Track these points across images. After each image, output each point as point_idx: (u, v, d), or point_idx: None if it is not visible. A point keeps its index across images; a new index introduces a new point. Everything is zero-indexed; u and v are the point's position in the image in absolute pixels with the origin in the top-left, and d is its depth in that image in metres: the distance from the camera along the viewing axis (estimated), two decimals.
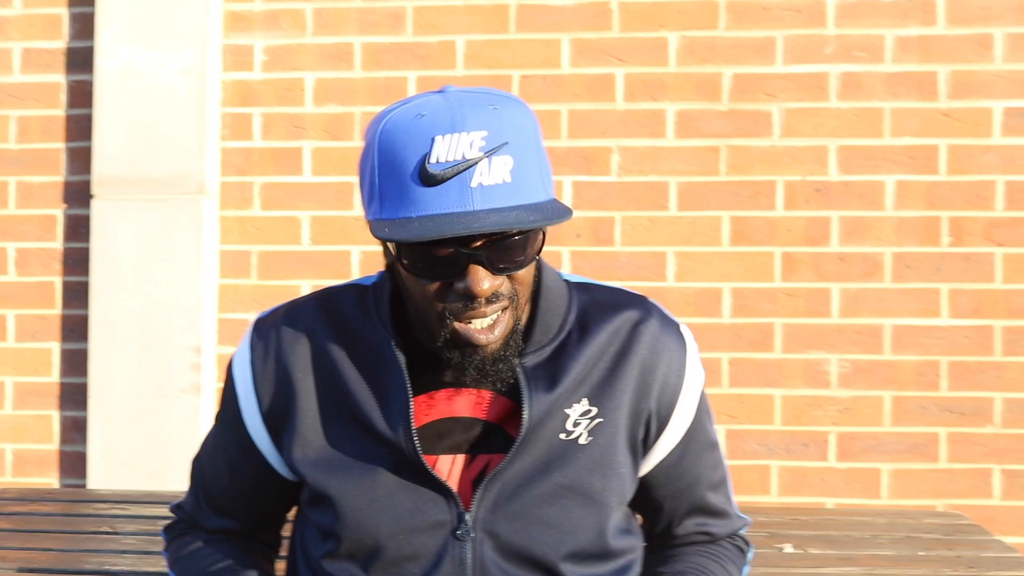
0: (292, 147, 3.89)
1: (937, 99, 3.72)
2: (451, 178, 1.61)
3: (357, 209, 3.86)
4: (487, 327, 1.68)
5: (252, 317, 3.87)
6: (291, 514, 2.01)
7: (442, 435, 1.79)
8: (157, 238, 3.81)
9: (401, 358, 1.76)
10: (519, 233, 1.65)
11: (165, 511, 2.88)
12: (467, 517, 1.76)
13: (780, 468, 3.69)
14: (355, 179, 3.86)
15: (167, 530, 2.07)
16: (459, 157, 1.61)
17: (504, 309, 1.69)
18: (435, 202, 1.61)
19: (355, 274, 3.84)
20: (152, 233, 3.82)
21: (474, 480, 1.78)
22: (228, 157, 3.89)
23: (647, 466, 1.87)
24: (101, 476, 3.75)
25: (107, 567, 2.39)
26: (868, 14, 3.76)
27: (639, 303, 1.87)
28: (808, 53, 3.76)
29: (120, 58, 3.86)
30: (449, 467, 1.79)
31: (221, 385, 1.92)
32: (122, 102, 3.86)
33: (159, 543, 2.62)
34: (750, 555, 2.02)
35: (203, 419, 3.79)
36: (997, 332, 3.69)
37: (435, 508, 1.76)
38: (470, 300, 1.66)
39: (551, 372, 1.78)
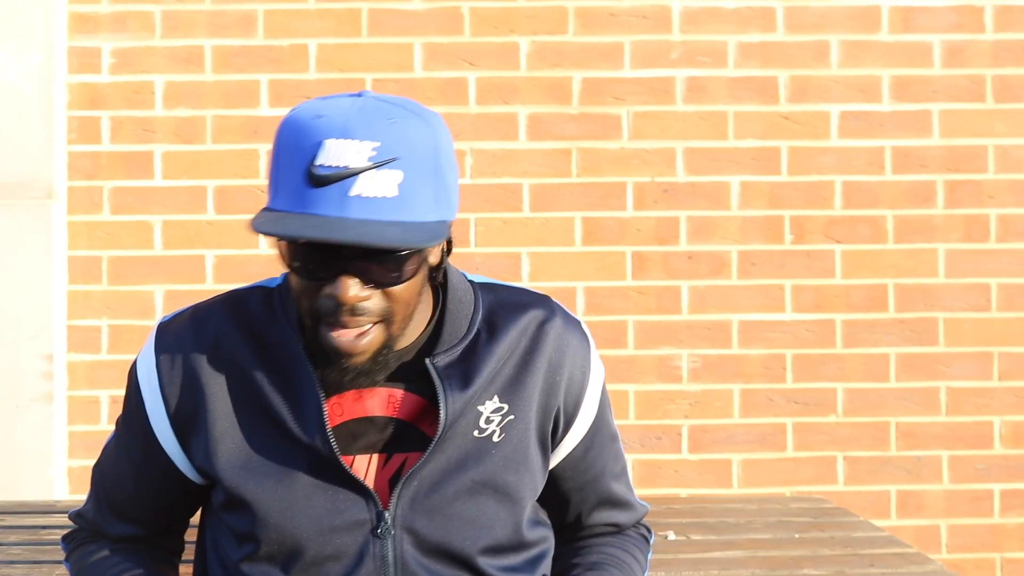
0: (142, 151, 3.84)
1: (778, 103, 3.87)
2: (332, 183, 1.63)
3: (210, 213, 3.83)
4: (353, 340, 1.69)
5: (104, 323, 3.82)
6: (194, 519, 1.99)
7: (356, 435, 1.81)
8: (3, 244, 3.73)
9: (308, 361, 1.77)
10: (394, 250, 1.67)
11: (45, 520, 2.85)
12: (386, 515, 1.79)
13: (635, 461, 3.78)
14: (208, 183, 3.83)
15: (67, 539, 2.02)
16: (343, 164, 1.63)
17: (375, 323, 1.70)
18: (315, 204, 1.62)
19: (209, 279, 3.82)
20: None
21: (390, 479, 1.81)
22: (76, 161, 3.83)
23: (555, 459, 1.92)
24: None
25: None
26: (711, 21, 3.88)
27: (543, 302, 1.92)
28: (655, 58, 3.87)
29: None
30: (366, 467, 1.81)
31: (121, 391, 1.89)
32: None
33: (48, 552, 2.58)
34: (652, 540, 2.09)
35: (56, 428, 3.71)
36: (838, 325, 3.84)
37: (354, 508, 1.78)
38: (337, 309, 1.68)
39: (463, 371, 1.81)
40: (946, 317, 3.85)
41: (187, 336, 1.84)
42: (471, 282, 1.92)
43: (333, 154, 1.63)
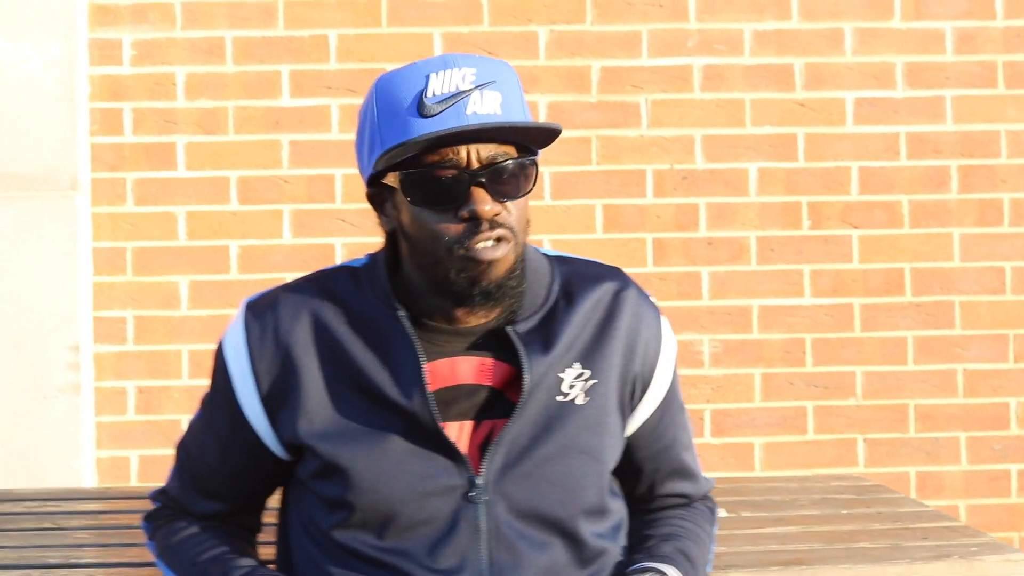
0: (165, 142, 3.86)
1: (794, 90, 3.92)
2: (448, 108, 1.74)
3: (234, 203, 3.85)
4: (491, 247, 1.77)
5: (129, 314, 3.84)
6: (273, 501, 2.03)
7: (448, 402, 1.86)
8: (28, 236, 3.74)
9: (408, 326, 1.83)
10: (514, 159, 1.77)
11: (101, 506, 2.88)
12: (478, 480, 1.83)
13: None
14: (231, 173, 3.86)
15: (149, 518, 2.06)
16: (453, 89, 1.75)
17: (506, 240, 1.78)
18: (433, 129, 1.74)
19: (234, 269, 3.84)
20: (22, 231, 3.74)
21: (480, 445, 1.85)
22: (98, 153, 3.84)
23: (631, 427, 1.97)
24: None
25: (72, 560, 2.38)
26: (726, 9, 3.93)
27: (616, 274, 1.98)
28: (672, 46, 3.92)
29: None
30: (457, 433, 1.85)
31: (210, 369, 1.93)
32: None
33: (112, 535, 2.60)
34: (717, 515, 2.14)
35: (83, 418, 3.73)
36: (855, 309, 3.90)
37: (447, 473, 1.83)
38: (475, 225, 1.76)
39: (543, 337, 1.88)
40: (962, 300, 3.91)
41: (276, 312, 1.89)
42: (544, 255, 1.98)
43: (440, 83, 1.78)
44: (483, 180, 1.77)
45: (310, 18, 3.88)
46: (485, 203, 1.77)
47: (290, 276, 3.71)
